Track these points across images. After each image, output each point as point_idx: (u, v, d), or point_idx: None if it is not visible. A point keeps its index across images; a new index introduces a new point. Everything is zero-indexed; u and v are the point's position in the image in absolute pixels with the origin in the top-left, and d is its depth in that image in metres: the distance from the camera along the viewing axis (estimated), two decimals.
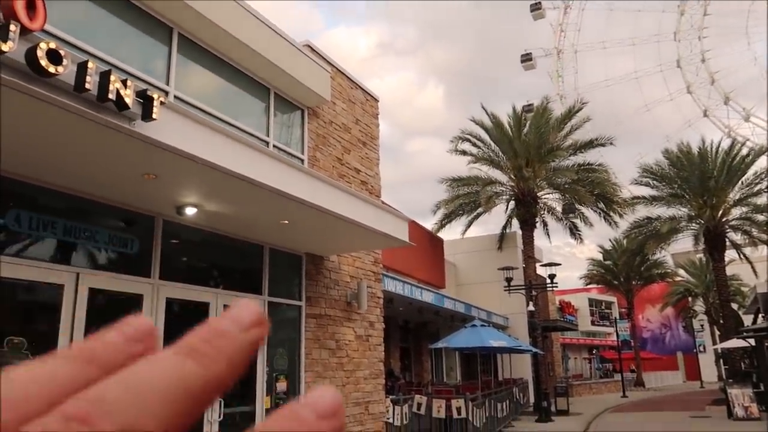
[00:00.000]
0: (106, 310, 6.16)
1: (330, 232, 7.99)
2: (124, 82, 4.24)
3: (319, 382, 8.92)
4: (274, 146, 8.70)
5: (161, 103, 4.53)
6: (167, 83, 6.89)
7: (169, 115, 4.77)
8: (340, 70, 10.59)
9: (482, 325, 17.36)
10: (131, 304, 6.27)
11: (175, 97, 6.94)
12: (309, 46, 9.57)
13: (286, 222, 7.27)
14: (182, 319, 7.06)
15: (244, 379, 7.64)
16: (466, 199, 26.10)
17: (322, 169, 9.55)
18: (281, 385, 8.32)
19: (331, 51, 10.02)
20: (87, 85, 3.97)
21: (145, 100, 4.42)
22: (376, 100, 11.83)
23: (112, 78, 4.16)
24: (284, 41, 8.58)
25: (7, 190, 5.19)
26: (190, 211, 6.44)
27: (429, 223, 27.16)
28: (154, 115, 4.41)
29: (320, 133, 9.85)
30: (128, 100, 4.24)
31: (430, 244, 24.45)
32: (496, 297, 25.69)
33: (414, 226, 17.06)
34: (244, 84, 8.47)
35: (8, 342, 5.03)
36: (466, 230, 28.15)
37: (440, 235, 26.88)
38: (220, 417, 6.99)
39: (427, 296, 17.78)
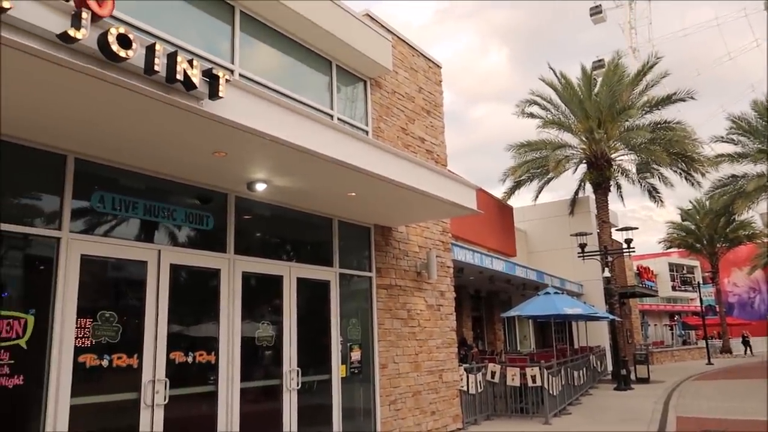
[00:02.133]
0: (187, 284, 6.44)
1: (397, 202, 7.97)
2: (190, 63, 4.33)
3: (392, 351, 9.03)
4: (338, 119, 8.73)
5: (227, 81, 4.60)
6: (232, 62, 7.01)
7: (235, 93, 4.84)
8: (401, 38, 10.43)
9: (556, 293, 17.00)
10: (210, 278, 6.53)
11: (240, 75, 7.06)
12: (369, 16, 9.46)
13: (354, 194, 7.31)
14: (258, 292, 7.30)
15: (318, 349, 7.85)
16: (534, 165, 25.40)
17: (386, 140, 9.52)
18: (355, 355, 8.49)
19: (389, 19, 9.87)
20: (156, 67, 4.08)
21: (211, 79, 4.51)
22: (439, 67, 11.61)
23: (179, 59, 4.25)
24: (344, 12, 8.51)
25: (91, 173, 5.48)
26: (260, 187, 6.58)
27: (498, 191, 26.71)
28: (220, 93, 4.48)
29: (383, 103, 9.79)
30: (195, 80, 4.33)
31: (499, 213, 24.06)
32: (570, 264, 25.08)
33: (482, 194, 16.81)
34: (306, 58, 8.51)
35: (101, 316, 5.36)
36: (536, 197, 27.44)
37: (510, 203, 26.39)
38: (298, 386, 7.23)
39: (498, 264, 17.58)
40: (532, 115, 25.31)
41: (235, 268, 6.69)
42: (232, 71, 6.93)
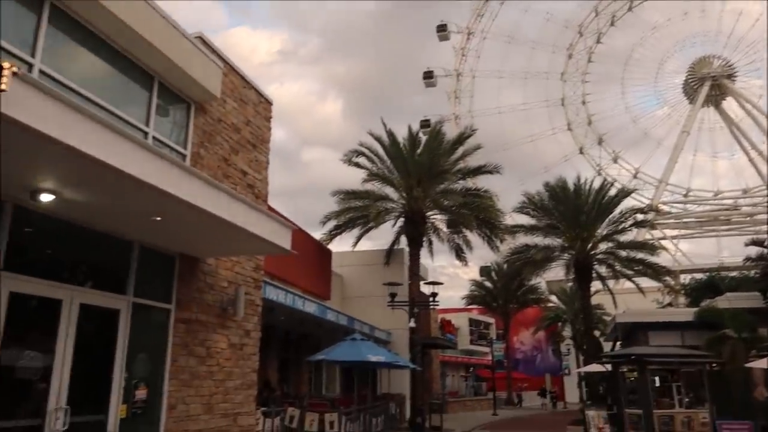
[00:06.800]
0: None
1: (206, 233, 7.62)
2: None
3: (184, 391, 8.43)
4: (153, 138, 8.20)
5: (14, 73, 4.07)
6: (32, 55, 6.26)
7: (24, 89, 4.31)
8: (233, 68, 10.25)
9: (362, 339, 17.38)
10: None
11: (42, 72, 6.33)
12: (201, 38, 9.17)
13: (159, 219, 6.84)
14: (31, 316, 6.41)
15: (95, 384, 7.04)
16: (356, 213, 26.20)
17: (205, 168, 9.14)
18: (141, 393, 7.76)
19: (230, 49, 9.71)
20: None
21: None
22: (270, 103, 11.57)
23: None
24: (174, 29, 8.14)
25: None
26: (46, 198, 5.85)
27: (320, 233, 26.99)
28: (2, 86, 3.95)
29: (207, 130, 9.44)
30: None
31: (318, 255, 24.24)
32: (380, 312, 25.90)
33: (301, 235, 16.82)
34: (127, 69, 7.93)
35: None
36: (356, 243, 28.22)
37: (330, 246, 26.77)
38: (65, 426, 6.37)
39: (310, 307, 17.56)
40: (358, 165, 26.33)
41: (1, 286, 5.80)
42: (30, 65, 6.18)
